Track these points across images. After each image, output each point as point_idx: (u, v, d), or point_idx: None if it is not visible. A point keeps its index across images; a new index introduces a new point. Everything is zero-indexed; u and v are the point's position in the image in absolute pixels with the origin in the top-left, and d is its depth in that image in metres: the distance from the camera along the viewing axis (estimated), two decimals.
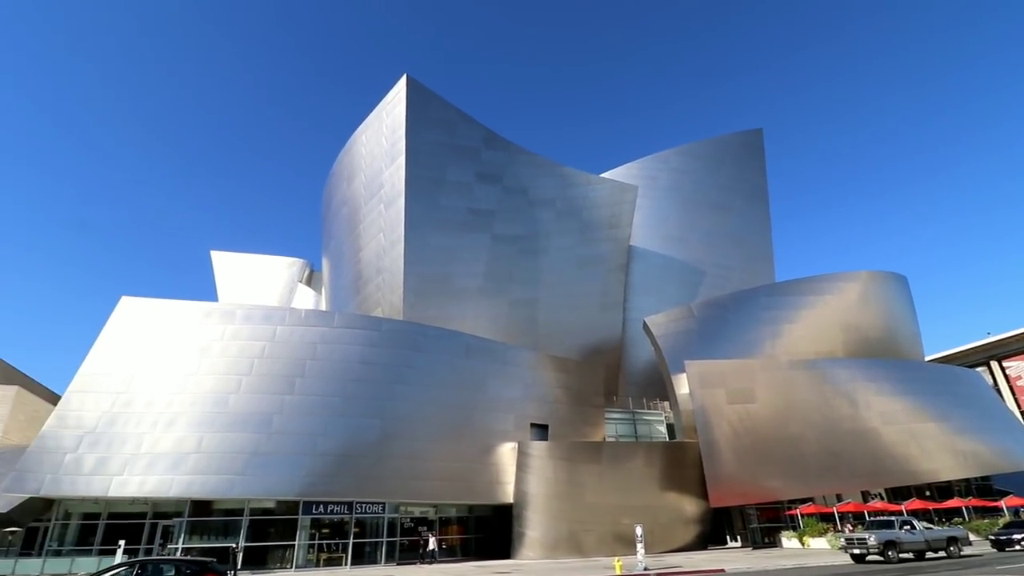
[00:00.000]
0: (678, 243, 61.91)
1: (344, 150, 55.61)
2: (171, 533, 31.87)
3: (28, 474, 30.01)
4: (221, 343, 34.85)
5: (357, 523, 33.76)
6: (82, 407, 32.04)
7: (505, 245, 48.82)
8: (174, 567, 15.07)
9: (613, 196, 55.94)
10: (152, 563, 15.28)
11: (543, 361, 43.24)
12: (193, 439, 31.41)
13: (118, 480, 30.11)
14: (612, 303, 53.80)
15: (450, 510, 38.22)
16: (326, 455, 32.53)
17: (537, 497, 36.16)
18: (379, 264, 46.68)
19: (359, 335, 37.25)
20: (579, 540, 35.77)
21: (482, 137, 50.31)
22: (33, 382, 61.67)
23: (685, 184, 65.35)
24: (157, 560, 15.66)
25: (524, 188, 51.06)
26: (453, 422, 36.76)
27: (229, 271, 68.19)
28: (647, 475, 37.96)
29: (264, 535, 32.45)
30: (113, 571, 14.61)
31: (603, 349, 51.46)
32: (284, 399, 33.45)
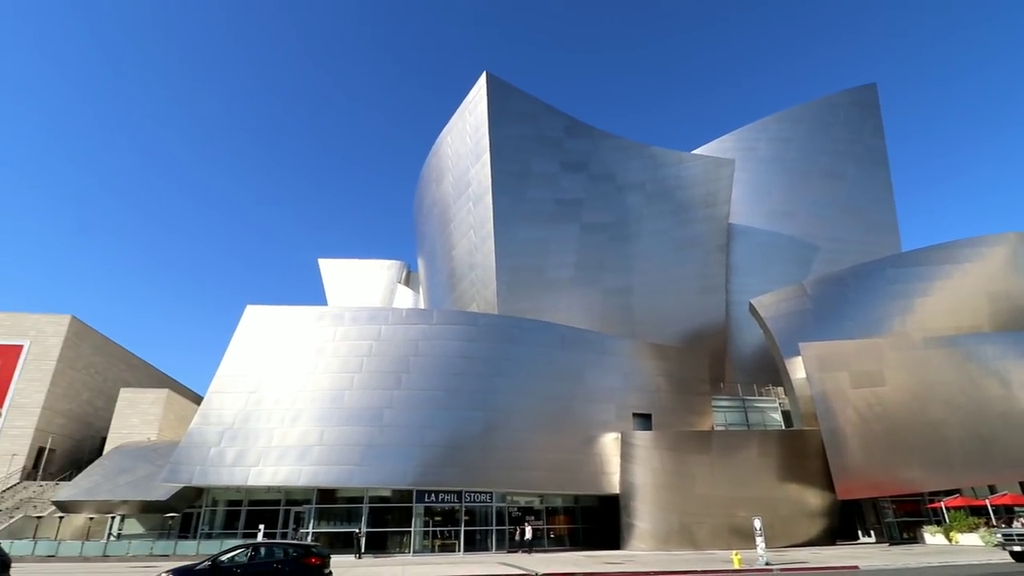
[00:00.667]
0: (784, 218, 57.27)
1: (431, 152, 57.42)
2: (302, 518, 34.77)
3: (181, 466, 34.06)
4: (333, 343, 37.35)
5: (467, 511, 34.86)
6: (221, 406, 35.77)
7: (595, 233, 47.93)
8: (282, 550, 16.62)
9: (708, 173, 52.94)
10: (264, 546, 16.94)
11: (641, 349, 42.06)
12: (315, 433, 34.01)
13: (254, 471, 33.32)
14: (713, 286, 51.00)
15: (556, 500, 38.38)
16: (434, 446, 33.89)
17: (644, 488, 35.31)
18: (471, 260, 47.74)
19: (457, 331, 38.36)
20: (692, 532, 34.45)
21: (564, 126, 49.67)
22: (179, 385, 70.15)
23: (789, 152, 60.26)
24: (269, 543, 17.30)
25: (611, 174, 49.79)
26: (553, 413, 36.81)
27: (335, 276, 73.10)
28: (762, 465, 35.71)
29: (383, 522, 34.45)
30: (233, 552, 16.30)
31: (706, 334, 48.97)
32: (392, 394, 35.25)
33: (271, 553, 16.37)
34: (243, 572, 15.58)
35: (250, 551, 16.35)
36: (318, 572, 16.00)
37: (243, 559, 15.98)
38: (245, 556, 16.10)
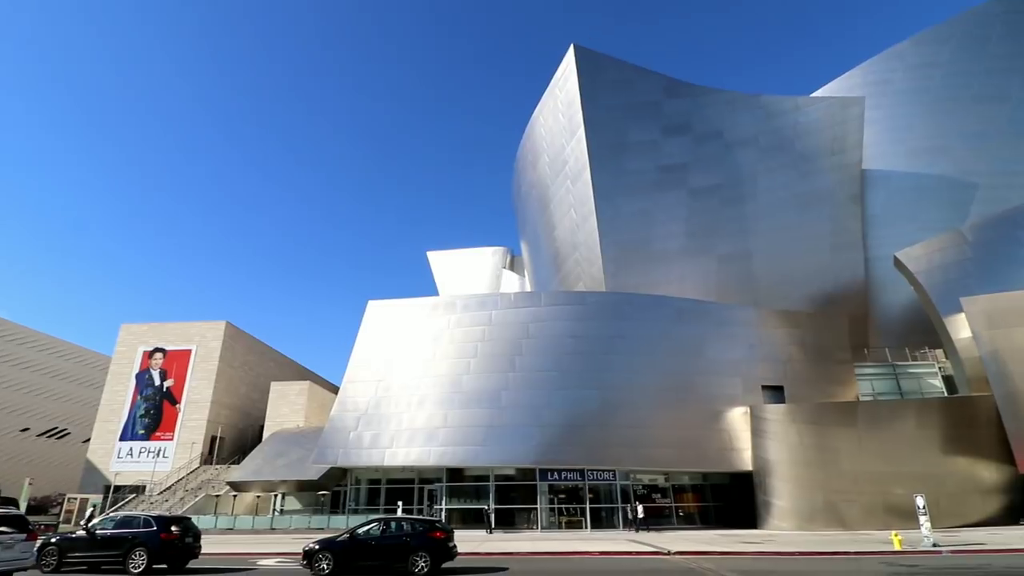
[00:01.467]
0: (932, 155, 49.16)
1: (525, 135, 57.09)
2: (435, 496, 36.83)
3: (327, 449, 37.44)
4: (448, 331, 38.81)
5: (591, 489, 34.78)
6: (355, 394, 38.74)
7: (704, 198, 44.79)
8: (410, 524, 17.83)
9: (832, 116, 47.16)
10: (394, 520, 18.23)
11: (767, 317, 38.97)
12: (440, 415, 35.70)
13: (388, 452, 35.77)
14: (847, 242, 45.49)
15: (683, 478, 37.05)
16: (553, 426, 34.08)
17: (780, 464, 32.90)
18: (574, 240, 46.97)
19: (566, 311, 38.08)
20: (840, 511, 31.55)
21: (662, 88, 46.75)
22: (318, 377, 77.14)
23: (933, 79, 51.66)
24: (398, 518, 18.67)
25: (718, 132, 46.14)
26: (674, 388, 35.41)
27: (444, 267, 75.87)
28: (922, 438, 31.68)
29: (509, 499, 35.42)
30: (368, 526, 17.76)
31: (842, 296, 43.95)
32: (508, 376, 35.93)
33: (400, 527, 17.64)
34: (376, 543, 17.02)
35: (382, 525, 17.73)
36: (443, 545, 16.94)
37: (376, 532, 17.42)
38: (378, 530, 17.52)
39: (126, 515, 18.71)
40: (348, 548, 16.82)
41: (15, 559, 14.23)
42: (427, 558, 16.36)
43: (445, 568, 17.10)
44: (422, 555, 16.40)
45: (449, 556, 17.11)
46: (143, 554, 16.79)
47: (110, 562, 17.06)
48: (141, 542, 17.00)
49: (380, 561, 16.72)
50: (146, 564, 16.71)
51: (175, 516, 18.77)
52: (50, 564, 17.06)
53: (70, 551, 17.36)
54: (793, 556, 20.25)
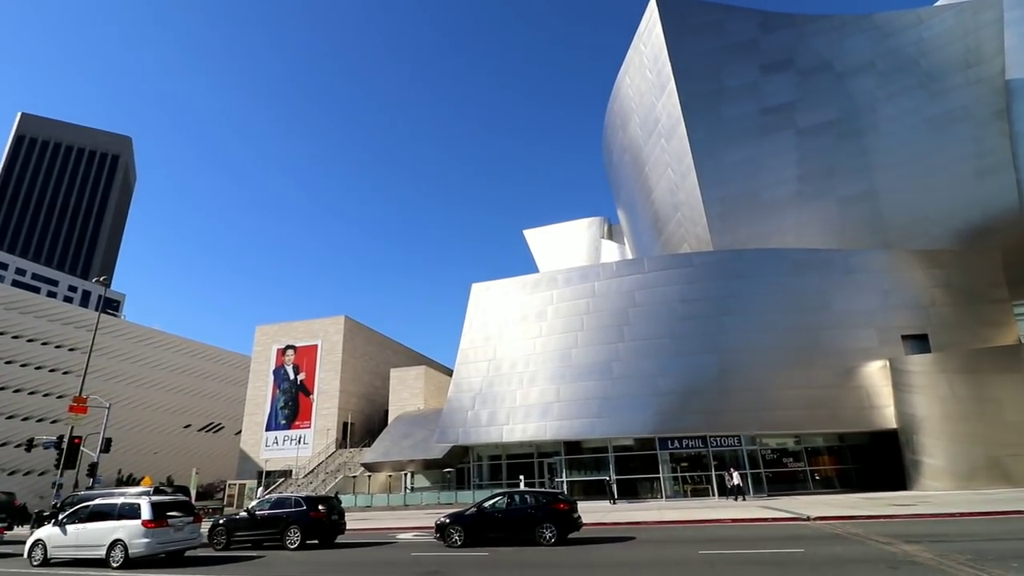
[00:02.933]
0: None
1: (611, 99, 55.15)
2: (555, 469, 37.50)
3: (448, 429, 39.31)
4: (552, 306, 38.99)
5: (715, 456, 33.70)
6: (469, 375, 40.21)
7: (817, 137, 40.66)
8: (534, 497, 18.37)
9: (963, 25, 40.73)
10: (519, 493, 18.92)
11: (902, 259, 35.15)
12: (552, 390, 36.14)
13: (506, 428, 36.87)
14: (993, 165, 39.24)
15: (816, 440, 34.79)
16: (670, 393, 33.33)
17: (930, 420, 29.90)
18: (674, 200, 44.96)
19: (673, 275, 36.81)
20: (1006, 467, 28.27)
21: (757, 24, 42.80)
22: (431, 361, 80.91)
23: None
24: (522, 491, 19.39)
25: (826, 62, 41.57)
26: (798, 347, 33.17)
27: (541, 244, 75.91)
28: None
29: (629, 469, 35.24)
30: (493, 500, 18.52)
31: (992, 228, 38.19)
32: (617, 347, 35.53)
33: (524, 500, 18.26)
34: (503, 516, 17.74)
35: (507, 498, 18.44)
36: (567, 516, 17.23)
37: (502, 506, 18.12)
38: (504, 503, 18.22)
39: (280, 497, 20.79)
40: (477, 521, 17.64)
41: (185, 539, 16.43)
42: (553, 529, 16.74)
43: (572, 538, 17.37)
44: (548, 526, 16.81)
45: (575, 526, 17.41)
46: (297, 531, 18.68)
47: (270, 539, 19.15)
48: (294, 520, 18.88)
49: (508, 532, 17.38)
50: (300, 540, 18.58)
51: (321, 496, 20.64)
52: (221, 543, 19.44)
53: (236, 531, 19.63)
54: (954, 517, 18.48)
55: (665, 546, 15.39)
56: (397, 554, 16.77)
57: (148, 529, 15.40)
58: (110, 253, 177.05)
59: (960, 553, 11.41)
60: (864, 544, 13.63)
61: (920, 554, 11.60)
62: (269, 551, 18.41)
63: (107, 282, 32.92)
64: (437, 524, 18.11)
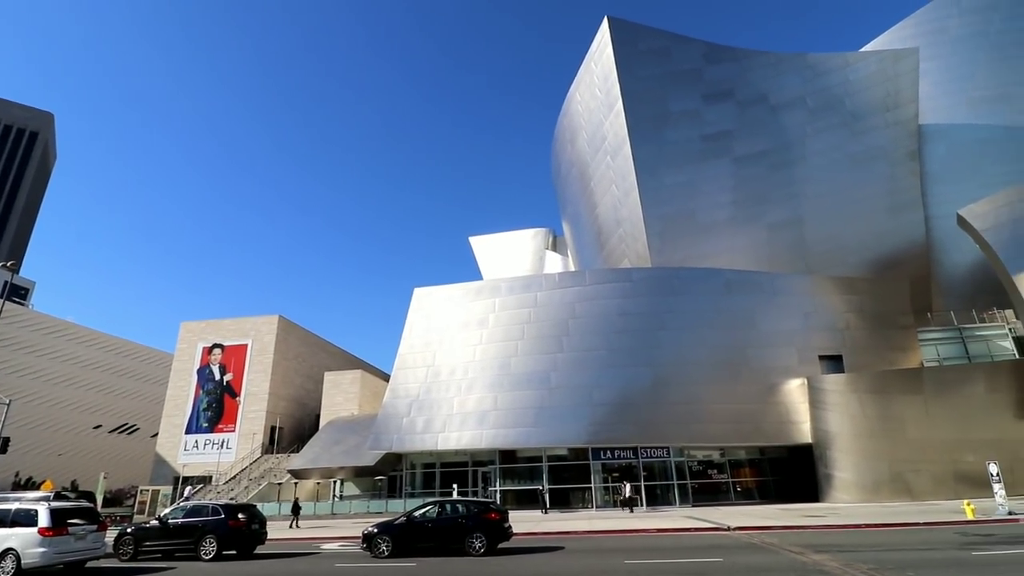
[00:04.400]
0: (993, 104, 45.87)
1: (562, 113, 56.23)
2: (489, 478, 37.36)
3: (382, 435, 38.38)
4: (494, 314, 38.99)
5: (644, 467, 34.59)
6: (406, 380, 39.49)
7: (751, 165, 43.14)
8: (465, 506, 18.18)
9: (884, 70, 44.50)
10: (450, 503, 18.65)
11: (821, 285, 37.57)
12: (490, 399, 36.06)
13: (441, 436, 36.41)
14: (905, 202, 43.10)
15: (739, 452, 36.41)
16: (604, 404, 33.98)
17: (842, 436, 31.94)
18: (617, 216, 46.21)
19: (612, 288, 37.69)
20: (907, 481, 30.52)
21: (701, 54, 45.06)
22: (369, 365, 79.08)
23: (992, 23, 48.00)
24: (454, 501, 19.09)
25: (762, 95, 44.25)
26: (726, 362, 34.68)
27: (487, 251, 76.07)
28: (993, 402, 30.26)
29: (562, 479, 35.61)
30: (424, 509, 18.26)
31: (902, 259, 41.79)
32: (556, 357, 35.93)
33: (456, 509, 18.02)
34: (433, 525, 17.49)
35: (438, 508, 18.18)
36: (498, 526, 17.22)
37: (433, 515, 17.88)
38: (434, 512, 17.97)
39: (196, 504, 19.63)
40: (406, 530, 17.29)
41: (88, 549, 15.18)
42: (483, 539, 16.68)
43: (501, 548, 17.32)
44: (478, 536, 16.73)
45: (505, 536, 17.39)
46: (213, 541, 17.66)
47: (183, 549, 18.00)
48: (211, 529, 17.86)
49: (437, 542, 17.15)
50: (216, 550, 17.55)
51: (241, 504, 19.62)
52: (127, 553, 18.12)
53: (145, 540, 18.37)
54: (860, 528, 19.72)
55: (592, 556, 15.58)
56: (319, 565, 16.13)
57: (45, 538, 14.09)
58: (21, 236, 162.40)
59: (863, 562, 12.19)
60: (778, 554, 14.31)
61: (828, 563, 12.30)
62: (181, 562, 17.31)
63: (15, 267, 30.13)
64: (364, 534, 17.59)
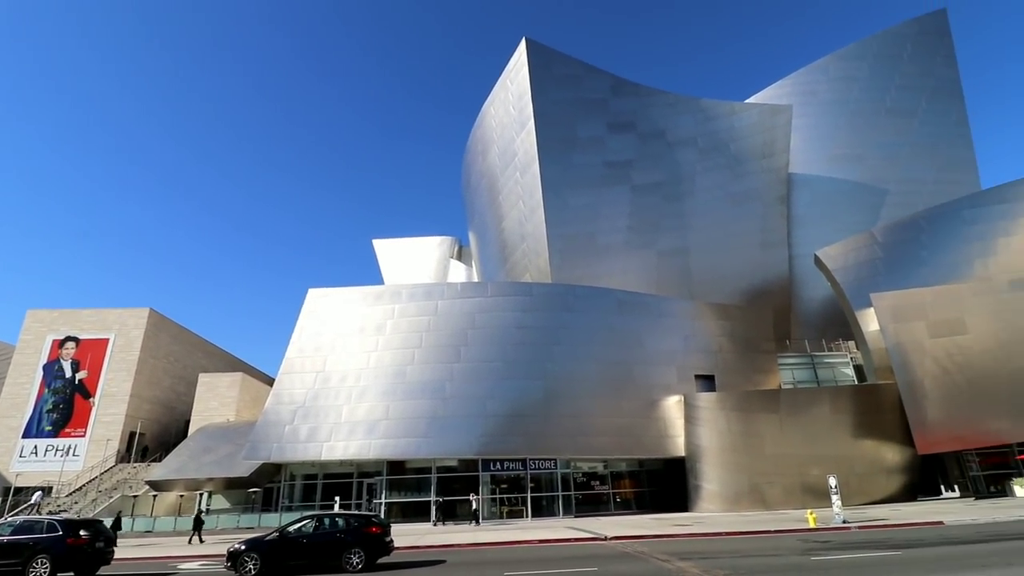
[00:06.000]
0: (849, 162, 53.52)
1: (476, 125, 56.81)
2: (375, 490, 36.23)
3: (259, 444, 35.86)
4: (393, 320, 38.15)
5: (532, 478, 35.36)
6: (291, 386, 37.34)
7: (647, 194, 46.41)
8: (344, 520, 17.29)
9: (763, 122, 50.05)
10: (329, 516, 17.68)
11: (701, 310, 40.93)
12: (381, 407, 35.08)
13: (327, 446, 34.77)
14: (774, 240, 48.65)
15: (620, 464, 38.39)
16: (496, 416, 34.34)
17: (710, 450, 34.77)
18: (522, 231, 47.37)
19: (512, 301, 38.38)
20: (762, 493, 33.80)
21: (609, 86, 47.90)
22: (251, 368, 73.84)
23: (852, 92, 56.04)
24: (333, 514, 18.07)
25: (660, 131, 47.84)
26: (614, 378, 36.54)
27: (390, 255, 74.41)
28: (835, 422, 34.46)
29: (451, 490, 35.44)
30: (300, 523, 17.15)
31: (769, 291, 46.96)
32: (452, 367, 35.82)
33: (334, 523, 17.13)
34: (309, 541, 16.50)
35: (315, 522, 17.21)
36: (379, 540, 16.63)
37: (309, 529, 16.87)
38: (311, 527, 16.98)
39: (27, 520, 17.13)
40: (277, 547, 16.10)
41: None
42: (361, 554, 16.02)
43: (381, 563, 16.82)
44: (356, 551, 16.04)
45: (385, 551, 16.83)
46: (46, 562, 15.45)
47: (9, 571, 15.55)
48: (44, 548, 15.64)
49: (312, 559, 16.19)
50: (49, 572, 15.41)
51: (84, 519, 17.39)
52: None
53: None
54: (720, 536, 21.46)
55: (473, 569, 15.62)
56: None
57: None
58: None
59: (720, 568, 13.31)
60: (647, 562, 15.24)
61: (690, 570, 13.30)
62: None
63: None
64: (229, 551, 16.16)
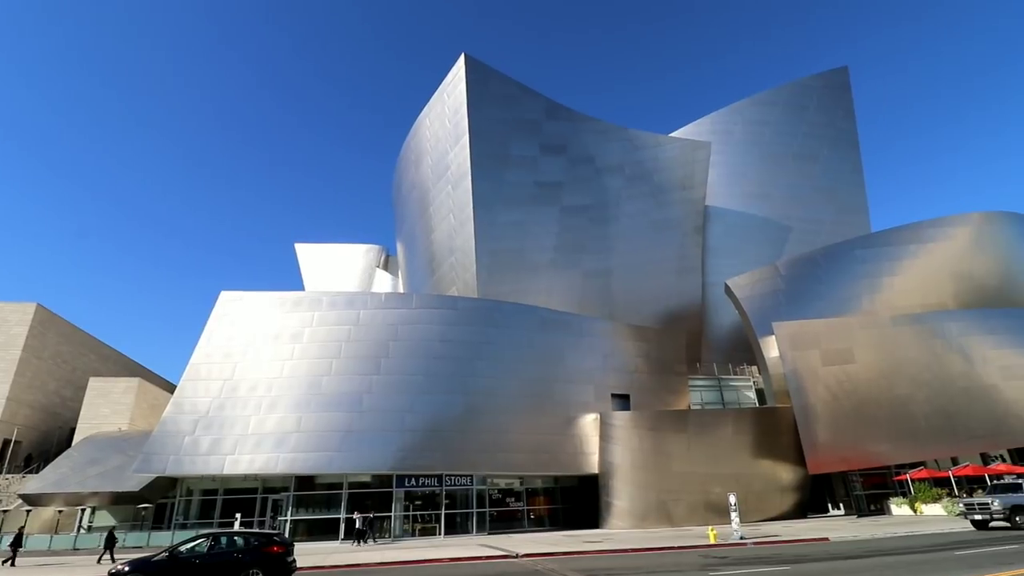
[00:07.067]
0: (759, 200, 58.08)
1: (410, 135, 56.45)
2: (280, 506, 34.44)
3: (154, 456, 33.14)
4: (311, 329, 36.72)
5: (447, 495, 34.93)
6: (195, 394, 34.92)
7: (575, 216, 47.90)
8: (243, 539, 16.40)
9: (684, 156, 53.23)
10: (226, 535, 16.66)
11: (620, 331, 42.40)
12: (293, 419, 33.50)
13: (230, 459, 32.68)
14: (689, 267, 51.58)
15: (536, 481, 38.73)
16: (414, 431, 33.74)
17: (622, 467, 35.83)
18: (451, 244, 47.34)
19: (437, 315, 38.07)
20: (668, 509, 35.19)
21: (544, 109, 49.24)
22: (152, 374, 68.58)
23: (764, 135, 60.96)
24: (231, 532, 17.10)
25: (590, 156, 49.67)
26: (534, 395, 36.97)
27: (313, 261, 71.89)
28: (737, 443, 36.58)
29: (363, 507, 34.26)
30: (193, 543, 16.09)
31: (683, 315, 49.59)
32: (372, 379, 34.90)
33: (232, 542, 16.19)
34: (202, 562, 15.41)
35: (210, 541, 16.16)
36: (280, 560, 15.84)
37: (203, 549, 15.80)
38: (205, 546, 15.92)
39: None
40: (166, 569, 14.98)
41: None
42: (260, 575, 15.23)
43: None
44: (255, 572, 15.19)
45: (287, 572, 16.05)
46: None
47: None
48: None
49: None
50: None
51: None
52: None
53: None
54: (627, 553, 22.14)
55: None
56: None
57: None
58: None
59: None
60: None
61: None
62: None
63: None
64: (111, 574, 14.91)
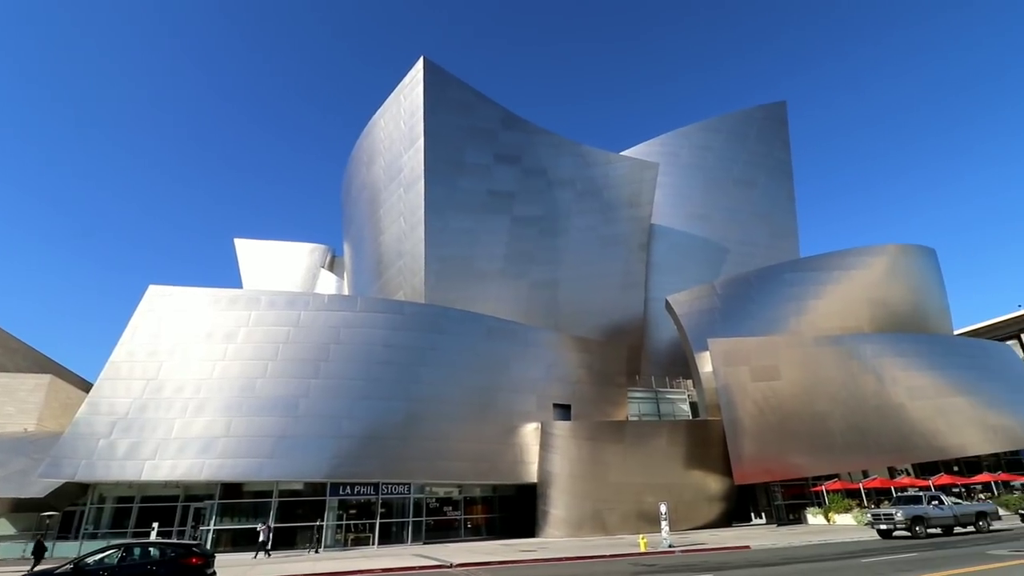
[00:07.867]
0: (701, 220, 60.81)
1: (363, 134, 55.41)
2: (203, 515, 32.59)
3: (63, 460, 30.61)
4: (247, 329, 35.17)
5: (383, 504, 34.17)
6: (114, 394, 32.60)
7: (525, 226, 48.39)
8: (159, 550, 15.56)
9: (633, 174, 54.95)
10: (139, 546, 15.79)
11: (565, 342, 43.03)
12: (222, 423, 31.89)
13: (150, 464, 30.67)
14: (633, 283, 53.18)
15: (475, 490, 38.52)
16: (352, 437, 32.88)
17: (560, 477, 36.23)
18: (400, 248, 46.68)
19: (382, 319, 37.36)
20: (603, 519, 35.85)
21: (500, 118, 49.57)
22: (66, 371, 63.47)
23: (708, 160, 63.94)
24: (144, 543, 16.16)
25: (543, 169, 50.39)
26: (476, 403, 36.84)
27: (253, 258, 68.92)
28: (671, 454, 37.80)
29: (293, 516, 33.03)
30: (103, 554, 15.12)
31: (625, 329, 50.99)
32: (310, 383, 33.76)
33: (146, 554, 15.31)
34: (111, 575, 14.52)
35: (121, 552, 15.21)
36: (199, 573, 15.10)
37: (112, 561, 14.83)
38: (115, 557, 14.97)
39: None
40: None
41: None
42: None
43: None
44: None
45: None
46: None
47: None
48: None
49: None
50: None
51: None
52: None
53: None
54: (561, 561, 22.38)
55: None
56: None
57: None
58: None
59: None
60: None
61: None
62: None
63: None
64: None
